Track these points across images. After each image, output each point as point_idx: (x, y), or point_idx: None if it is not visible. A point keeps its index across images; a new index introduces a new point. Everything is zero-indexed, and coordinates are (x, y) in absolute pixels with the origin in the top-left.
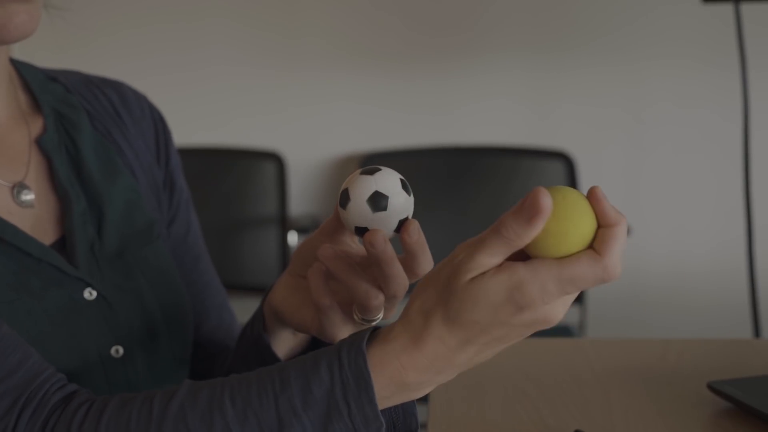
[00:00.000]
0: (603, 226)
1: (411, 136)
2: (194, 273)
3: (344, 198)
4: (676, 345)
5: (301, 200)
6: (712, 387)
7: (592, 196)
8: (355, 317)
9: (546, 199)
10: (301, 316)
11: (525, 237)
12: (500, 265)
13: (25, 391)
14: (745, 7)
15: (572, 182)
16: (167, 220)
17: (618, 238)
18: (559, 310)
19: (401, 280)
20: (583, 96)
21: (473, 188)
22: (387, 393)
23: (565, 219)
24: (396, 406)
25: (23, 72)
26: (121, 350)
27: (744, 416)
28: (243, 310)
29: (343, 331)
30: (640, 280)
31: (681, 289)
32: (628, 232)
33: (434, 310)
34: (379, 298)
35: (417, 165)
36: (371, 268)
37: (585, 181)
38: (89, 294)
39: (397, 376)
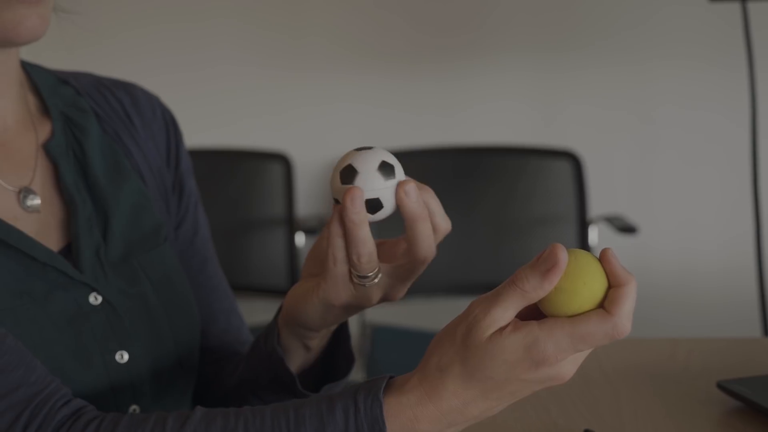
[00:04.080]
0: (614, 286)
1: (417, 137)
2: (201, 276)
3: (349, 173)
4: (685, 344)
5: (308, 201)
6: (721, 386)
7: (603, 258)
8: (354, 278)
9: (563, 253)
10: (310, 300)
11: (540, 290)
12: (516, 324)
13: (28, 406)
14: (752, 6)
15: (579, 182)
16: (175, 223)
17: (627, 297)
18: (570, 367)
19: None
20: (589, 95)
21: (480, 188)
22: None
23: (576, 278)
24: None
25: (33, 75)
26: (126, 356)
27: (754, 415)
28: (251, 311)
29: (342, 293)
30: (648, 279)
31: (689, 287)
32: (636, 231)
33: (451, 365)
34: (374, 258)
35: (423, 165)
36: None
37: (592, 181)
38: (95, 299)
39: (409, 426)
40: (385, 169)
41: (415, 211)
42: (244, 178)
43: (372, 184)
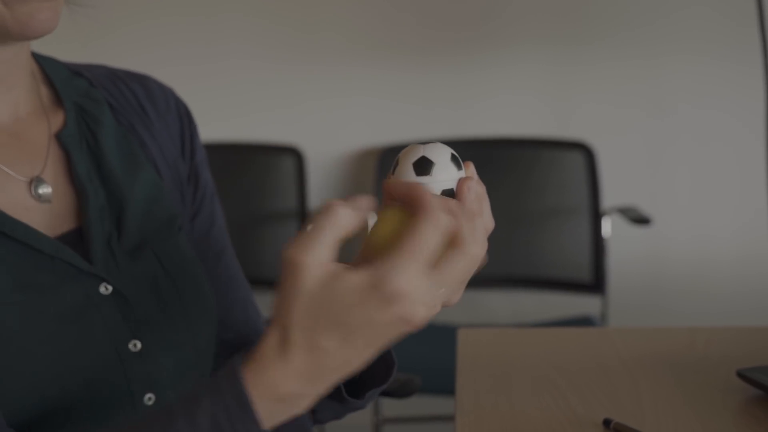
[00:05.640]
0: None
1: (429, 129)
2: (218, 267)
3: (425, 165)
4: (703, 333)
5: (320, 194)
6: (741, 374)
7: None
8: None
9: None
10: None
11: (352, 216)
12: (352, 266)
13: None
14: (767, 0)
15: (592, 173)
16: (191, 214)
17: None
18: (421, 309)
19: None
20: (602, 87)
21: (493, 181)
22: (266, 409)
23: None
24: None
25: (46, 67)
26: (139, 344)
27: None
28: (263, 303)
29: None
30: (664, 269)
31: (705, 276)
32: (650, 222)
33: (293, 321)
34: None
35: None
36: None
37: (605, 172)
38: (105, 289)
39: (270, 391)
40: (455, 160)
41: (474, 207)
42: (256, 172)
43: (449, 174)
